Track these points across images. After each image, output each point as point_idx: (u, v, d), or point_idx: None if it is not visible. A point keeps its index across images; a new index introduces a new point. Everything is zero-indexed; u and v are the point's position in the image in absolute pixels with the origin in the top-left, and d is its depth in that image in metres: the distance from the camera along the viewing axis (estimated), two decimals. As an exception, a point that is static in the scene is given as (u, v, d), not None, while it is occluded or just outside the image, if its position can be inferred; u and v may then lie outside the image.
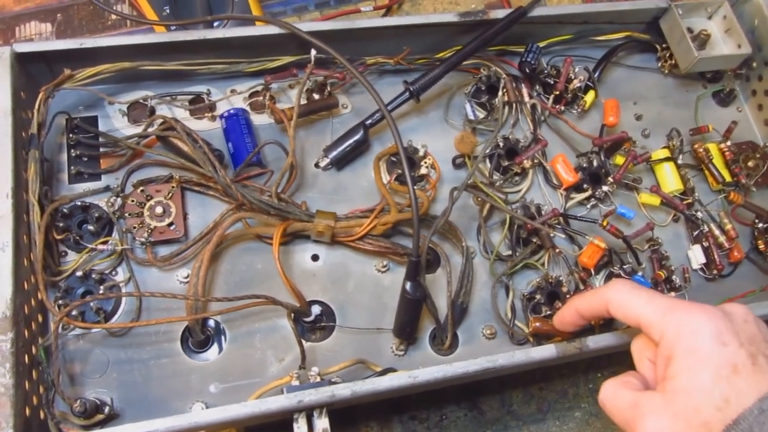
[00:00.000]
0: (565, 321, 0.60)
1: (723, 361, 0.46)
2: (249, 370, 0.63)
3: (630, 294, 0.53)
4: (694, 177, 0.77)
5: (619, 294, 0.53)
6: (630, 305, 0.52)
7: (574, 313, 0.59)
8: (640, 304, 0.51)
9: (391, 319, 0.64)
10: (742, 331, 0.48)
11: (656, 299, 0.51)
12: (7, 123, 0.59)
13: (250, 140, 0.68)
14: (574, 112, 0.77)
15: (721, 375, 0.45)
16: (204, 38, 0.66)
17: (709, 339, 0.47)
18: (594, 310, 0.57)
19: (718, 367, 0.46)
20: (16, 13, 0.88)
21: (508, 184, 0.72)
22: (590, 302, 0.57)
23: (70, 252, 0.64)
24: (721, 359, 0.46)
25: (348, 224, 0.65)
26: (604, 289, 0.55)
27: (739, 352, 0.46)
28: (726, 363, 0.46)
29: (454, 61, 0.71)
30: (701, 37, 0.76)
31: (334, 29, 0.69)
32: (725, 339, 0.47)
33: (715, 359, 0.46)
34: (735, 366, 0.46)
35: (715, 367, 0.46)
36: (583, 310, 0.58)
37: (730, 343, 0.47)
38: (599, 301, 0.55)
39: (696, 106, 0.81)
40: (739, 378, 0.45)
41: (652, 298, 0.51)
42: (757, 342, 0.48)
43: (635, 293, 0.53)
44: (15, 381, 0.53)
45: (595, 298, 0.56)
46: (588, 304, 0.57)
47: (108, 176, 0.67)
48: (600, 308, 0.55)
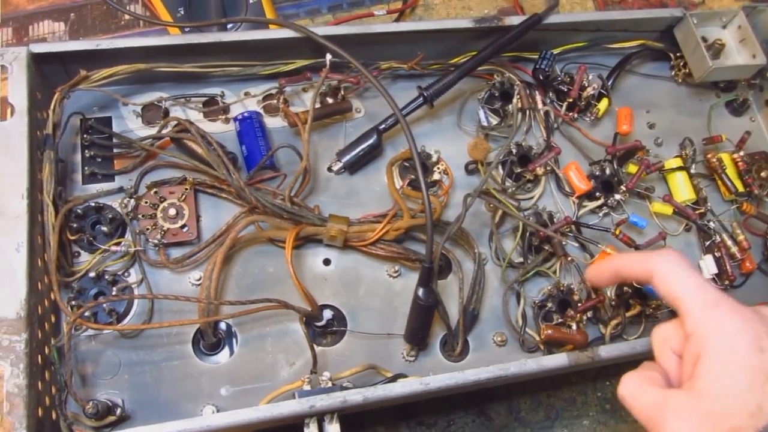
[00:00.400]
0: (601, 276, 0.57)
1: (759, 367, 0.44)
2: (260, 374, 0.63)
3: (680, 272, 0.49)
4: (706, 187, 0.77)
5: (669, 268, 0.50)
6: (677, 284, 0.49)
7: (612, 270, 0.55)
8: (688, 287, 0.48)
9: (402, 324, 0.64)
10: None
11: (705, 289, 0.48)
12: (23, 123, 0.59)
13: (263, 143, 0.68)
14: (587, 119, 0.77)
15: (756, 381, 0.44)
16: (219, 41, 0.66)
17: (747, 344, 0.45)
18: (636, 274, 0.53)
19: (755, 373, 0.44)
20: (29, 12, 0.88)
21: (521, 191, 0.72)
22: (634, 265, 0.53)
23: (83, 253, 0.64)
24: (757, 365, 0.44)
25: (360, 229, 0.65)
26: (656, 256, 0.51)
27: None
28: (762, 369, 0.44)
29: (468, 67, 0.71)
30: (716, 47, 0.76)
31: (349, 33, 0.69)
32: (763, 345, 0.45)
33: (752, 364, 0.44)
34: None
35: (751, 373, 0.44)
36: (624, 270, 0.54)
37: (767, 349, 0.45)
38: (644, 267, 0.51)
39: (709, 115, 0.81)
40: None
41: (701, 286, 0.48)
42: None
43: (685, 273, 0.49)
44: (28, 381, 0.53)
45: (641, 262, 0.52)
46: (631, 266, 0.53)
47: (121, 177, 0.67)
48: (643, 275, 0.52)
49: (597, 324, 0.68)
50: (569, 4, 0.93)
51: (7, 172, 0.58)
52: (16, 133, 0.59)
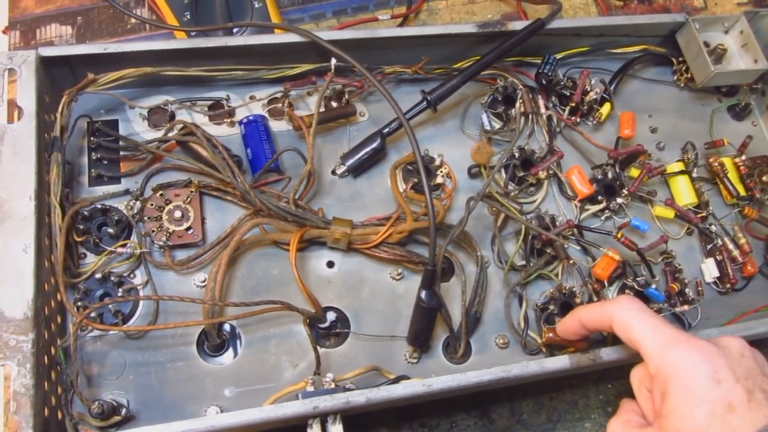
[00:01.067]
0: (568, 330, 0.61)
1: (717, 399, 0.46)
2: (263, 375, 0.63)
3: (635, 316, 0.52)
4: (708, 191, 0.77)
5: (624, 314, 0.53)
6: (633, 329, 0.52)
7: (578, 323, 0.59)
8: (644, 330, 0.51)
9: (404, 326, 0.65)
10: (739, 366, 0.48)
11: (660, 329, 0.51)
12: (32, 126, 0.60)
13: (268, 146, 0.69)
14: (590, 123, 0.78)
15: (715, 413, 0.46)
16: (225, 45, 0.67)
17: (704, 377, 0.47)
18: (597, 323, 0.57)
19: (713, 405, 0.46)
20: (37, 15, 0.89)
21: (523, 195, 0.73)
22: (595, 315, 0.57)
23: (89, 254, 0.64)
24: (715, 397, 0.46)
25: (364, 232, 0.66)
26: (610, 305, 0.55)
27: (734, 389, 0.47)
28: (720, 401, 0.46)
29: (471, 72, 0.71)
30: (717, 52, 0.76)
31: (354, 38, 0.70)
32: (720, 377, 0.47)
33: (710, 397, 0.47)
34: (730, 404, 0.46)
35: (710, 406, 0.46)
36: (587, 321, 0.58)
37: (725, 380, 0.47)
38: (604, 316, 0.55)
39: (711, 119, 0.81)
40: (734, 415, 0.46)
41: (656, 327, 0.51)
42: (754, 376, 0.48)
43: (641, 317, 0.52)
44: (35, 381, 0.53)
45: (600, 311, 0.56)
46: (592, 316, 0.57)
47: (128, 180, 0.68)
48: (603, 323, 0.55)
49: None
50: (572, 9, 0.94)
51: (15, 174, 0.59)
52: (24, 136, 0.60)
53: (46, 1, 0.89)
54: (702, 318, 0.70)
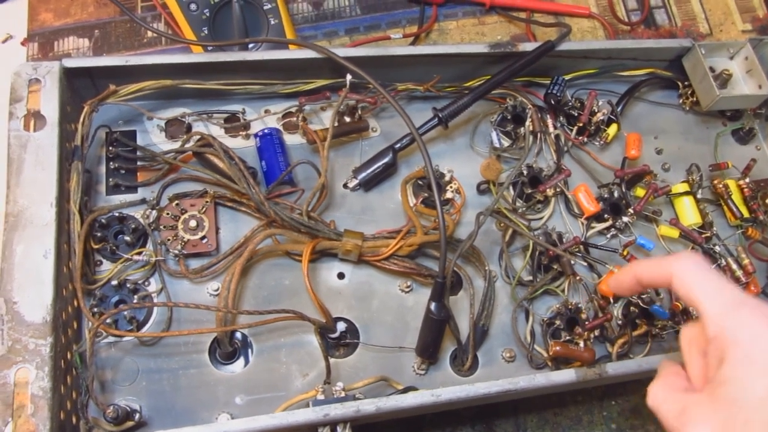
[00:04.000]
0: (622, 285, 0.56)
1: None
2: (274, 384, 0.64)
3: (699, 274, 0.48)
4: (712, 212, 0.78)
5: (686, 270, 0.49)
6: (695, 287, 0.48)
7: (633, 278, 0.54)
8: (707, 289, 0.47)
9: (413, 338, 0.66)
10: None
11: (725, 290, 0.47)
12: (54, 135, 0.62)
13: (282, 159, 0.70)
14: (597, 143, 0.79)
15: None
16: (243, 60, 0.69)
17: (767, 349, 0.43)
18: (656, 279, 0.52)
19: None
20: (55, 28, 0.90)
21: (531, 211, 0.74)
22: (653, 270, 0.52)
23: (105, 261, 0.65)
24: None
25: (375, 244, 0.67)
26: (671, 260, 0.50)
27: None
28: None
29: (482, 91, 0.73)
30: (723, 77, 0.78)
31: (368, 55, 0.71)
32: None
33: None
34: None
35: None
36: (644, 276, 0.53)
37: None
38: (663, 271, 0.51)
39: (715, 142, 0.83)
40: None
41: (721, 288, 0.47)
42: None
43: (704, 275, 0.48)
44: (52, 385, 0.54)
45: (659, 266, 0.51)
46: (651, 271, 0.53)
47: (144, 189, 0.69)
48: (662, 279, 0.51)
49: (604, 342, 0.69)
50: (580, 32, 0.96)
51: (37, 181, 0.60)
52: (47, 144, 0.61)
53: (65, 14, 0.91)
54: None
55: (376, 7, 0.95)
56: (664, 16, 0.98)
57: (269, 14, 0.83)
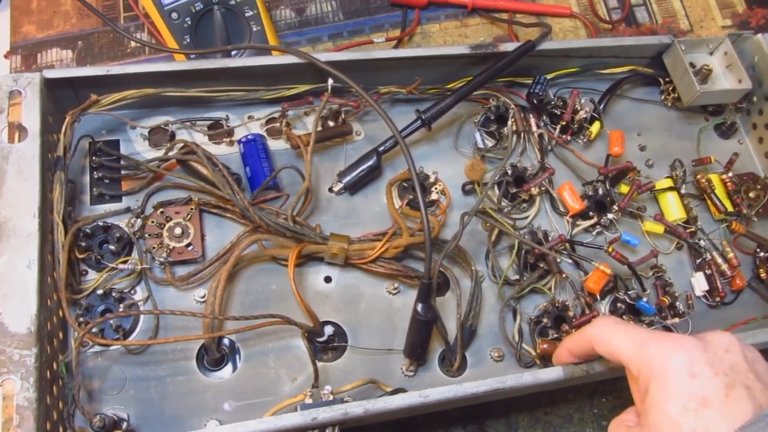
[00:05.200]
0: (562, 361, 0.61)
1: (691, 393, 0.45)
2: (262, 389, 0.64)
3: (609, 329, 0.53)
4: (696, 206, 0.79)
5: (599, 331, 0.54)
6: (609, 341, 0.53)
7: (567, 353, 0.60)
8: (618, 338, 0.52)
9: (401, 340, 0.66)
10: (721, 360, 0.47)
11: (632, 332, 0.51)
12: (36, 145, 0.62)
13: (266, 164, 0.70)
14: (580, 142, 0.79)
15: (688, 407, 0.45)
16: (225, 67, 0.69)
17: (679, 371, 0.46)
18: (583, 349, 0.57)
19: (686, 400, 0.45)
20: (38, 40, 0.90)
21: (516, 211, 0.74)
22: (578, 342, 0.58)
23: (90, 271, 0.65)
24: (689, 391, 0.45)
25: (361, 247, 0.67)
26: (588, 328, 0.56)
27: (710, 383, 0.45)
28: (694, 395, 0.45)
29: (464, 92, 0.73)
30: (703, 72, 0.78)
31: (350, 59, 0.71)
32: (696, 370, 0.46)
33: (683, 392, 0.45)
34: (704, 398, 0.45)
35: (683, 400, 0.45)
36: (574, 349, 0.59)
37: (700, 374, 0.46)
38: (585, 339, 0.56)
39: (698, 138, 0.83)
40: (708, 410, 0.44)
41: (628, 332, 0.51)
42: (737, 372, 0.46)
43: (614, 328, 0.53)
44: (38, 395, 0.54)
45: (581, 337, 0.57)
46: (577, 343, 0.58)
47: (129, 198, 0.69)
48: (587, 347, 0.56)
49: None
50: (562, 32, 0.96)
51: (20, 193, 0.60)
52: (29, 155, 0.61)
53: (47, 26, 0.91)
54: (692, 331, 0.72)
55: (359, 12, 0.95)
56: (645, 14, 0.99)
57: (251, 21, 0.83)
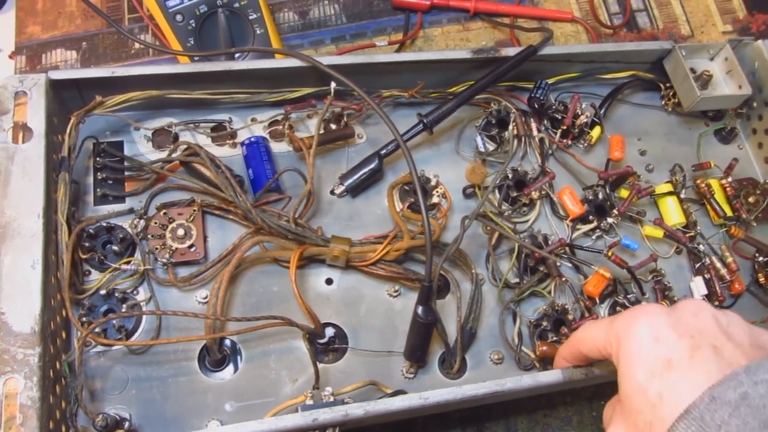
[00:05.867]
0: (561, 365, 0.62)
1: (655, 357, 0.45)
2: (263, 390, 0.65)
3: (586, 327, 0.55)
4: (696, 211, 0.79)
5: (580, 332, 0.56)
6: (586, 337, 0.54)
7: (563, 362, 0.61)
8: (592, 330, 0.53)
9: (401, 342, 0.66)
10: (686, 324, 0.46)
11: (603, 320, 0.52)
12: (41, 146, 0.62)
13: (269, 167, 0.71)
14: (581, 146, 0.80)
15: (654, 372, 0.44)
16: (229, 69, 0.69)
17: (642, 338, 0.46)
18: (574, 355, 0.58)
19: (651, 365, 0.45)
20: (43, 40, 0.91)
21: (517, 214, 0.75)
22: (569, 349, 0.59)
23: (93, 271, 0.66)
24: (653, 356, 0.45)
25: (362, 249, 0.68)
26: (574, 334, 0.58)
27: (675, 346, 0.45)
28: (658, 359, 0.45)
29: (466, 96, 0.73)
30: (703, 78, 0.79)
31: (353, 63, 0.72)
32: (659, 335, 0.46)
33: (648, 357, 0.45)
34: (669, 361, 0.44)
35: (648, 365, 0.45)
36: (567, 357, 0.60)
37: (664, 338, 0.46)
38: (573, 345, 0.58)
39: (698, 143, 0.83)
40: (673, 372, 0.44)
41: (600, 322, 0.53)
42: (705, 334, 0.45)
43: (589, 324, 0.54)
44: (41, 394, 0.55)
45: (570, 344, 0.58)
46: (568, 351, 0.59)
47: (132, 199, 0.69)
48: (577, 352, 0.57)
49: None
50: (563, 36, 0.97)
51: (24, 193, 0.61)
52: (33, 156, 0.62)
53: (52, 26, 0.92)
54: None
55: (362, 16, 0.96)
56: (646, 19, 0.99)
57: (255, 24, 0.84)
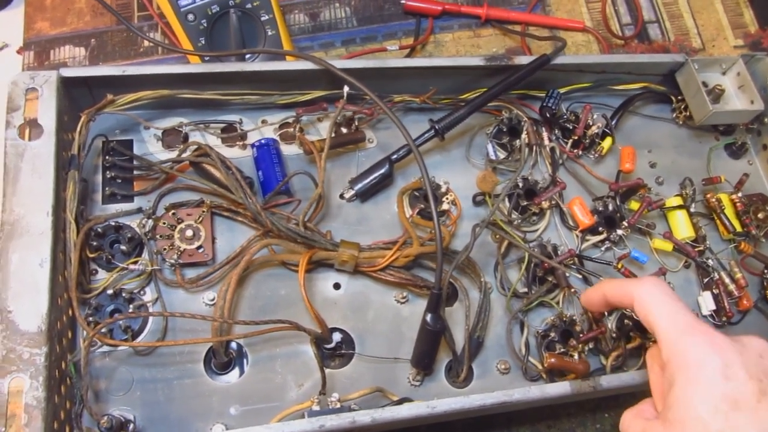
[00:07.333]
0: (591, 301, 0.60)
1: (724, 394, 0.45)
2: (269, 394, 0.64)
3: (657, 299, 0.52)
4: (705, 225, 0.79)
5: (646, 294, 0.52)
6: (652, 311, 0.51)
7: (601, 296, 0.58)
8: (662, 314, 0.50)
9: (408, 349, 0.66)
10: (756, 365, 0.46)
11: (679, 315, 0.50)
12: (51, 144, 0.62)
13: (279, 169, 0.70)
14: (591, 157, 0.80)
15: (719, 409, 0.44)
16: (240, 70, 0.69)
17: (712, 372, 0.46)
18: (620, 299, 0.56)
19: (718, 401, 0.45)
20: (51, 36, 0.91)
21: (526, 224, 0.74)
22: (618, 291, 0.56)
23: (100, 270, 0.65)
24: (722, 393, 0.45)
25: (371, 255, 0.67)
26: (635, 283, 0.54)
27: (744, 388, 0.45)
28: (726, 397, 0.45)
29: (478, 103, 0.73)
30: (715, 92, 0.79)
31: (366, 67, 0.71)
32: (730, 373, 0.46)
33: (716, 392, 0.45)
34: (736, 401, 0.45)
35: (715, 401, 0.45)
36: (611, 296, 0.57)
37: (734, 377, 0.46)
38: (627, 293, 0.54)
39: (708, 157, 0.83)
40: (739, 414, 0.44)
41: (676, 313, 0.50)
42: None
43: (662, 300, 0.51)
44: (46, 394, 0.54)
45: (623, 288, 0.55)
46: (616, 292, 0.56)
47: (140, 198, 0.69)
48: (626, 299, 0.54)
49: (598, 355, 0.70)
50: (574, 46, 0.97)
51: (34, 190, 0.60)
52: (43, 153, 0.61)
53: (61, 23, 0.91)
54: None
55: (373, 19, 0.95)
56: (658, 30, 0.99)
57: (266, 25, 0.84)
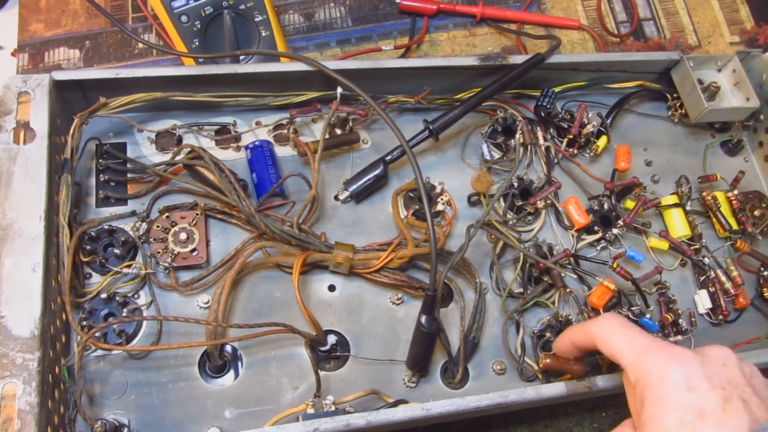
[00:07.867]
0: (562, 350, 0.62)
1: (688, 406, 0.46)
2: (264, 397, 0.64)
3: (613, 331, 0.54)
4: (701, 224, 0.79)
5: (603, 330, 0.55)
6: (612, 343, 0.53)
7: (569, 343, 0.60)
8: (621, 342, 0.52)
9: (403, 350, 0.66)
10: (718, 374, 0.47)
11: (635, 340, 0.52)
12: (44, 147, 0.62)
13: (273, 171, 0.70)
14: (587, 155, 0.79)
15: (685, 420, 0.45)
16: (234, 72, 0.69)
17: (676, 385, 0.47)
18: (583, 342, 0.58)
19: (683, 413, 0.46)
20: (46, 38, 0.90)
21: (521, 224, 0.74)
22: (581, 334, 0.58)
23: (94, 274, 0.65)
24: (686, 404, 0.46)
25: (366, 256, 0.67)
26: (592, 323, 0.57)
27: (708, 397, 0.46)
28: (691, 408, 0.46)
29: (473, 103, 0.73)
30: (711, 89, 0.78)
31: (359, 68, 0.71)
32: (693, 384, 0.47)
33: (680, 404, 0.46)
34: (701, 411, 0.45)
35: (680, 413, 0.46)
36: (576, 341, 0.59)
37: (698, 387, 0.47)
38: (587, 334, 0.56)
39: (704, 154, 0.83)
40: (705, 423, 0.45)
41: (632, 339, 0.52)
42: (734, 385, 0.47)
43: (618, 330, 0.53)
44: (40, 399, 0.54)
45: (584, 330, 0.57)
46: (579, 336, 0.58)
47: (134, 201, 0.69)
48: (589, 342, 0.56)
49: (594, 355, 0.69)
50: (570, 44, 0.96)
51: (26, 194, 0.60)
52: (36, 157, 0.61)
53: (55, 25, 0.91)
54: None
55: (368, 19, 0.95)
56: (653, 28, 0.99)
57: (260, 26, 0.83)
